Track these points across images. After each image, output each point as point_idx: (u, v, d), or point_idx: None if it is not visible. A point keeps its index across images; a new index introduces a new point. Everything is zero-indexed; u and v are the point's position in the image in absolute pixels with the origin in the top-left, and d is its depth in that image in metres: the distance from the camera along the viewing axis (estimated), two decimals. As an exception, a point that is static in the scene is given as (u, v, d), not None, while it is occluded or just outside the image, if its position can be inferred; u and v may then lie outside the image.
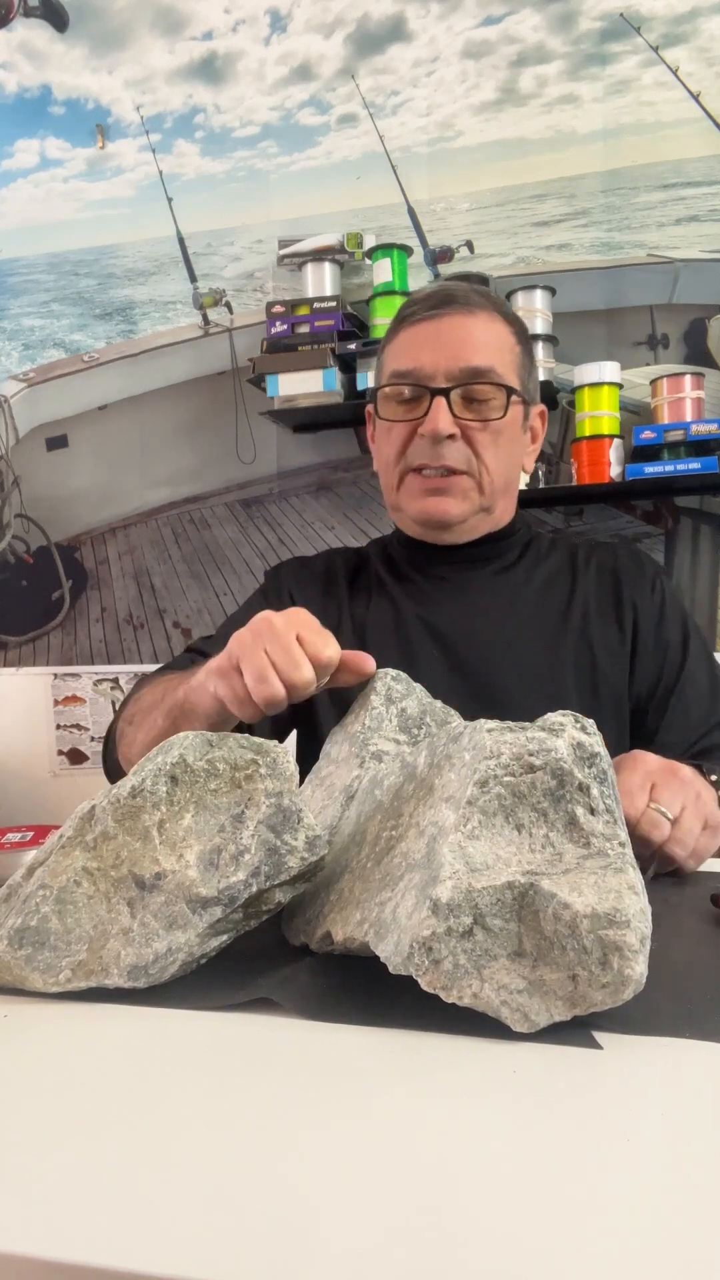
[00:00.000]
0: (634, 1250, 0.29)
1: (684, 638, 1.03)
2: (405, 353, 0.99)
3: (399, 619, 1.04)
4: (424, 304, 1.00)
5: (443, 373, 0.96)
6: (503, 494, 1.03)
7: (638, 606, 1.03)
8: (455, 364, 0.96)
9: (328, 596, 1.09)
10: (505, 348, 0.99)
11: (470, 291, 1.01)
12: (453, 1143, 0.35)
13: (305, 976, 0.52)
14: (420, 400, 0.98)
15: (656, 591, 1.04)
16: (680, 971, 0.51)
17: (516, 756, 0.46)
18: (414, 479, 1.00)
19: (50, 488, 2.29)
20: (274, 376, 1.93)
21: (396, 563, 1.10)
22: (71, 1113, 0.39)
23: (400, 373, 0.99)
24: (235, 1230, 0.31)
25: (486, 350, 0.97)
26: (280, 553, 2.15)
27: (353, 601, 1.08)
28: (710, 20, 1.85)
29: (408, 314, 1.01)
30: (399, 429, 1.00)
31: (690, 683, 1.00)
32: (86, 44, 2.21)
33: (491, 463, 0.98)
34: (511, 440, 1.01)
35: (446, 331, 0.97)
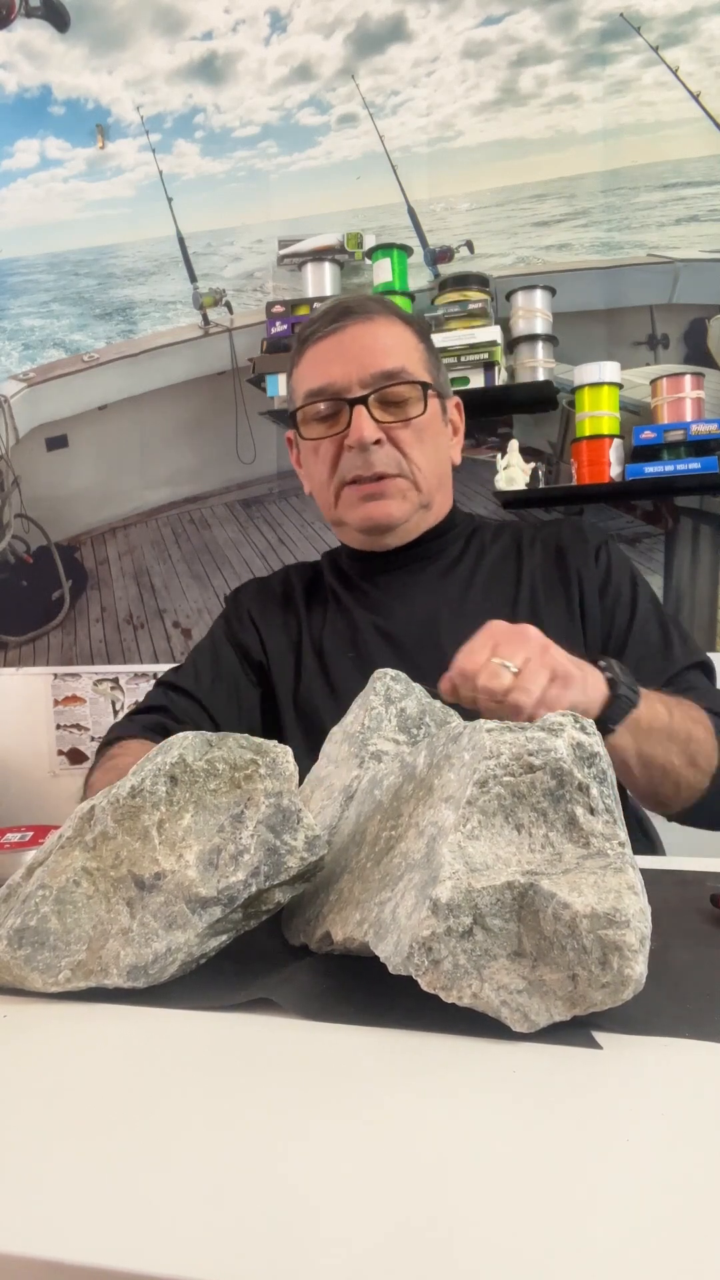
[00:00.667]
0: (634, 1250, 0.29)
1: (632, 598, 1.02)
2: (315, 370, 1.00)
3: (353, 629, 1.05)
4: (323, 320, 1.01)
5: (356, 381, 0.98)
6: (438, 489, 1.04)
7: (582, 576, 1.03)
8: (366, 371, 0.97)
9: (287, 615, 1.11)
10: (410, 347, 1.01)
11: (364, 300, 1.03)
12: (453, 1143, 0.35)
13: (305, 976, 0.52)
14: (339, 414, 0.99)
15: (601, 558, 1.04)
16: (680, 971, 0.51)
17: (516, 756, 0.46)
18: (350, 491, 1.01)
19: (50, 488, 2.29)
20: (274, 376, 1.93)
21: (346, 574, 1.11)
22: (71, 1113, 0.39)
23: (314, 390, 1.00)
24: (235, 1230, 0.31)
25: (393, 352, 0.99)
26: (280, 553, 2.15)
27: (310, 616, 1.10)
28: (710, 20, 1.85)
29: (309, 334, 1.03)
30: (325, 446, 1.01)
31: (639, 641, 1.00)
32: (86, 44, 2.21)
33: (421, 460, 1.00)
34: (435, 435, 1.03)
35: (350, 342, 0.99)
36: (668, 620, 1.03)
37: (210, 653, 1.11)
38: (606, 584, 1.03)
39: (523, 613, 1.01)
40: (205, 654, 1.11)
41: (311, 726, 1.01)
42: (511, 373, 1.88)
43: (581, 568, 1.03)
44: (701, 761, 0.86)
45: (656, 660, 0.99)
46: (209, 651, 1.11)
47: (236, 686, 1.08)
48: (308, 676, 1.06)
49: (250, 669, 1.09)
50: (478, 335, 1.80)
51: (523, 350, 1.86)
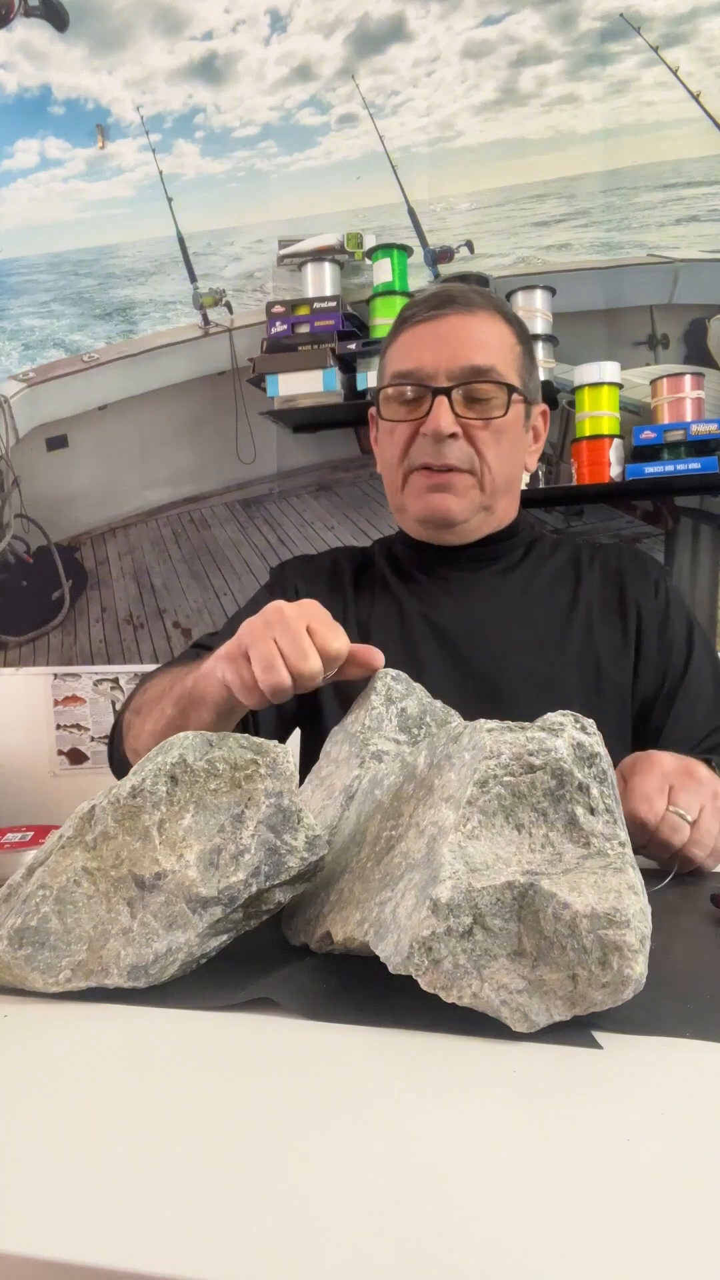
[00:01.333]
0: (634, 1250, 0.29)
1: (689, 638, 1.03)
2: (406, 353, 1.00)
3: (403, 619, 1.04)
4: (425, 305, 1.00)
5: (444, 372, 0.97)
6: (505, 493, 1.03)
7: (641, 607, 1.03)
8: (456, 363, 0.96)
9: (333, 595, 1.08)
10: (506, 347, 1.00)
11: (470, 292, 1.01)
12: (453, 1142, 0.35)
13: (305, 976, 0.52)
14: (422, 400, 0.98)
15: (660, 593, 1.04)
16: (680, 971, 0.51)
17: (516, 756, 0.46)
18: (417, 477, 1.00)
19: (50, 488, 2.29)
20: (274, 376, 1.93)
21: (401, 563, 1.10)
22: (71, 1113, 0.39)
23: (402, 373, 0.99)
24: (235, 1230, 0.31)
25: (487, 349, 0.97)
26: (280, 552, 2.15)
27: (357, 600, 1.08)
28: (710, 20, 1.85)
29: (408, 315, 1.02)
30: (401, 429, 1.00)
31: (695, 683, 1.00)
32: (86, 44, 2.21)
33: (493, 461, 0.99)
34: (513, 439, 1.01)
35: (447, 331, 0.98)
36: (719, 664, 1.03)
37: None
38: (666, 620, 1.03)
39: (577, 631, 1.01)
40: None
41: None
42: (511, 373, 1.88)
43: (641, 598, 1.03)
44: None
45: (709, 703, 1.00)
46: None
47: None
48: None
49: None
50: (478, 335, 1.80)
51: (523, 350, 1.86)
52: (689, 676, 1.00)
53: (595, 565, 1.07)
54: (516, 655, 0.99)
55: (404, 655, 1.00)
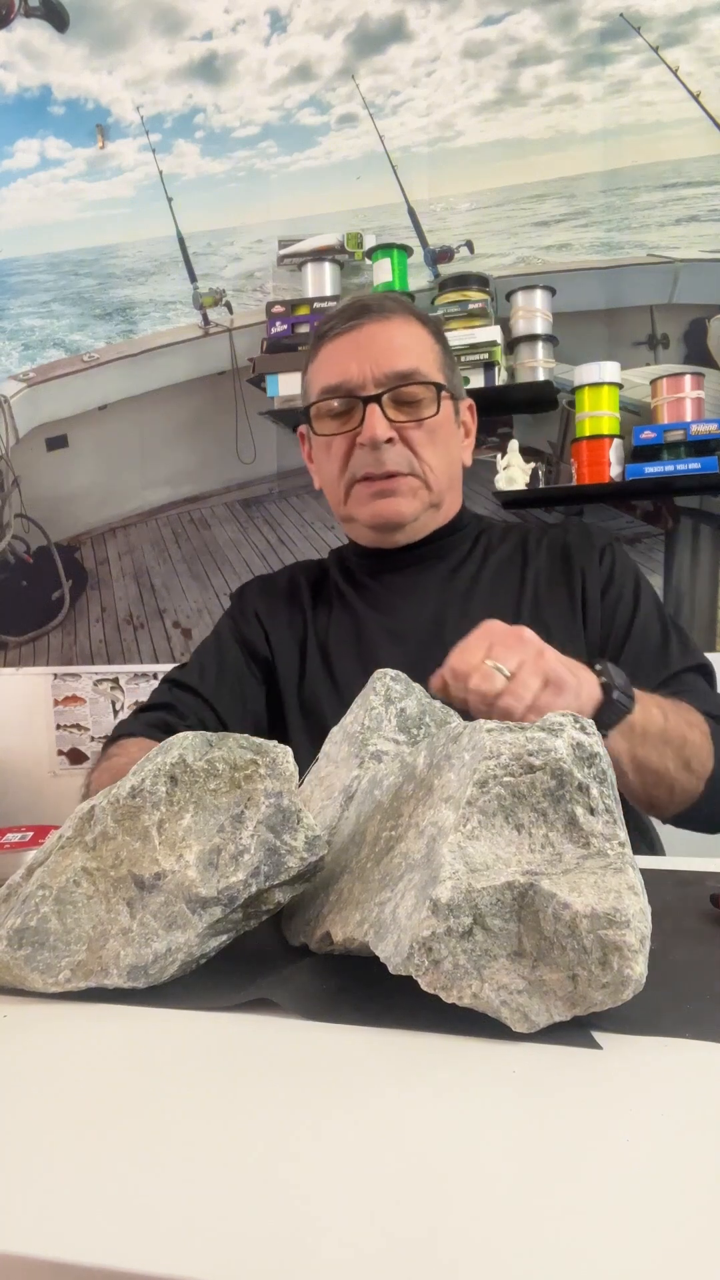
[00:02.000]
0: (634, 1250, 0.29)
1: (635, 597, 1.03)
2: (330, 367, 1.01)
3: (359, 628, 1.05)
4: (340, 317, 1.02)
5: (371, 380, 0.98)
6: (449, 489, 1.05)
7: (586, 575, 1.03)
8: (381, 370, 0.98)
9: (292, 611, 1.11)
10: (426, 348, 1.01)
11: (383, 299, 1.04)
12: (452, 1142, 0.35)
13: (305, 977, 0.52)
14: (353, 411, 1.00)
15: (605, 558, 1.04)
16: (680, 971, 0.51)
17: (516, 756, 0.46)
18: (361, 487, 1.02)
19: (50, 488, 2.29)
20: (274, 376, 1.93)
21: (353, 572, 1.11)
22: (71, 1113, 0.39)
23: (329, 387, 1.01)
24: (235, 1230, 0.31)
25: (408, 352, 0.99)
26: (280, 553, 2.15)
27: (315, 614, 1.10)
28: (710, 20, 1.85)
29: (325, 330, 1.03)
30: (338, 443, 1.01)
31: (639, 638, 1.00)
32: (86, 44, 2.21)
33: (432, 460, 1.00)
34: (448, 436, 1.03)
35: (366, 340, 0.99)
36: (669, 622, 1.03)
37: (215, 650, 1.11)
38: (609, 584, 1.03)
39: (526, 613, 1.01)
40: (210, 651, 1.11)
41: (316, 724, 1.01)
42: (511, 373, 1.88)
43: (585, 567, 1.03)
44: (696, 765, 0.86)
45: (654, 661, 0.99)
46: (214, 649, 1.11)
47: (241, 684, 1.08)
48: (312, 674, 1.06)
49: (256, 666, 1.09)
50: (478, 335, 1.80)
51: (523, 350, 1.86)
52: (633, 632, 1.00)
53: (542, 545, 1.07)
54: None
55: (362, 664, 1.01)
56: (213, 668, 1.09)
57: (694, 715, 0.88)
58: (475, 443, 1.12)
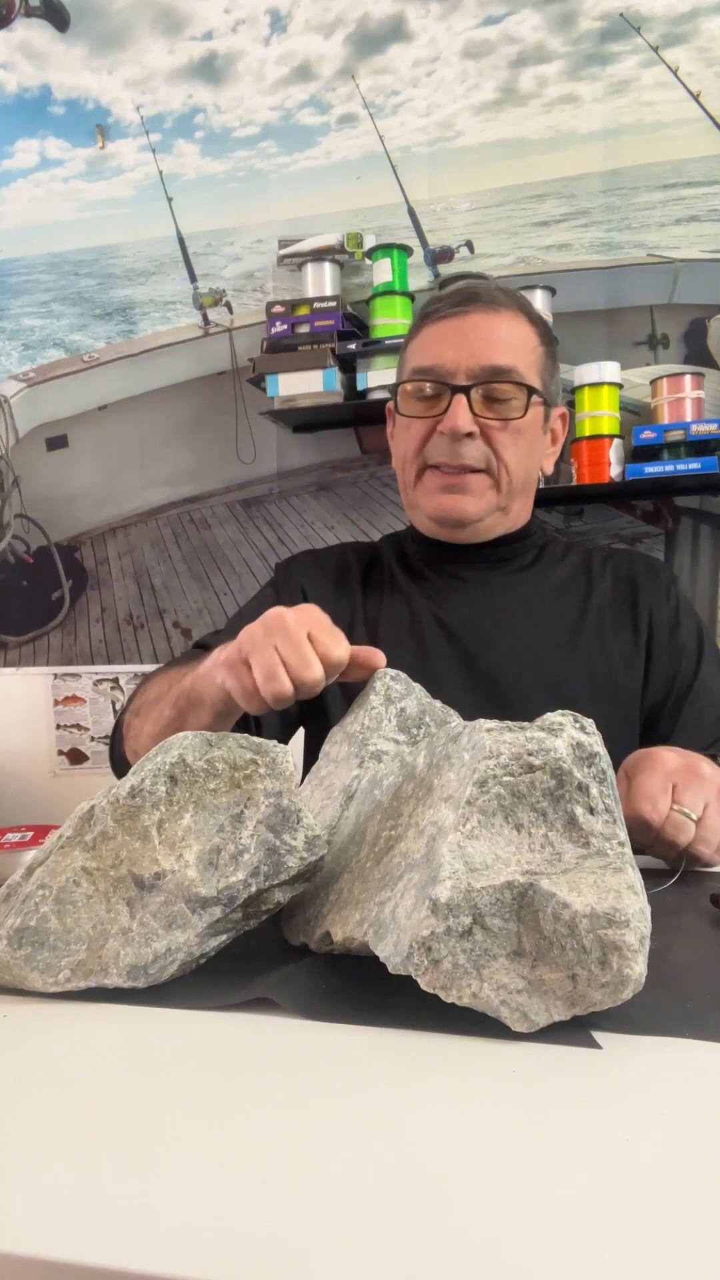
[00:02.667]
0: (634, 1250, 0.29)
1: (699, 645, 1.03)
2: (427, 349, 0.99)
3: (413, 617, 1.03)
4: (448, 301, 0.99)
5: (464, 370, 0.96)
6: (520, 494, 1.03)
7: (653, 614, 1.02)
8: (477, 362, 0.96)
9: (340, 592, 1.07)
10: (528, 348, 0.99)
11: (495, 290, 1.01)
12: (452, 1142, 0.35)
13: (305, 976, 0.52)
14: (440, 397, 0.97)
15: (671, 599, 1.04)
16: (680, 971, 0.51)
17: (516, 756, 0.46)
18: (431, 475, 0.99)
19: (50, 488, 2.29)
20: (274, 376, 1.93)
21: (410, 560, 1.09)
22: (71, 1113, 0.39)
23: (422, 369, 0.98)
24: (235, 1230, 0.31)
25: (509, 349, 0.97)
26: (280, 552, 2.15)
27: (366, 597, 1.07)
28: (710, 20, 1.85)
29: (431, 310, 1.01)
30: (418, 425, 0.99)
31: (704, 690, 1.00)
32: (86, 44, 2.21)
33: (510, 462, 0.98)
34: (531, 441, 1.00)
35: (470, 329, 0.97)
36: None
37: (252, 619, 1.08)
38: (677, 626, 1.03)
39: (588, 633, 1.01)
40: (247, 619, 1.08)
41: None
42: (511, 373, 1.88)
43: (653, 604, 1.03)
44: None
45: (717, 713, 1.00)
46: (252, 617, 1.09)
47: None
48: None
49: None
50: (478, 335, 1.80)
51: (523, 350, 1.86)
52: (698, 684, 1.00)
53: (607, 571, 1.06)
54: (526, 657, 0.99)
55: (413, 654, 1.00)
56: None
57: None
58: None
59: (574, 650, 1.00)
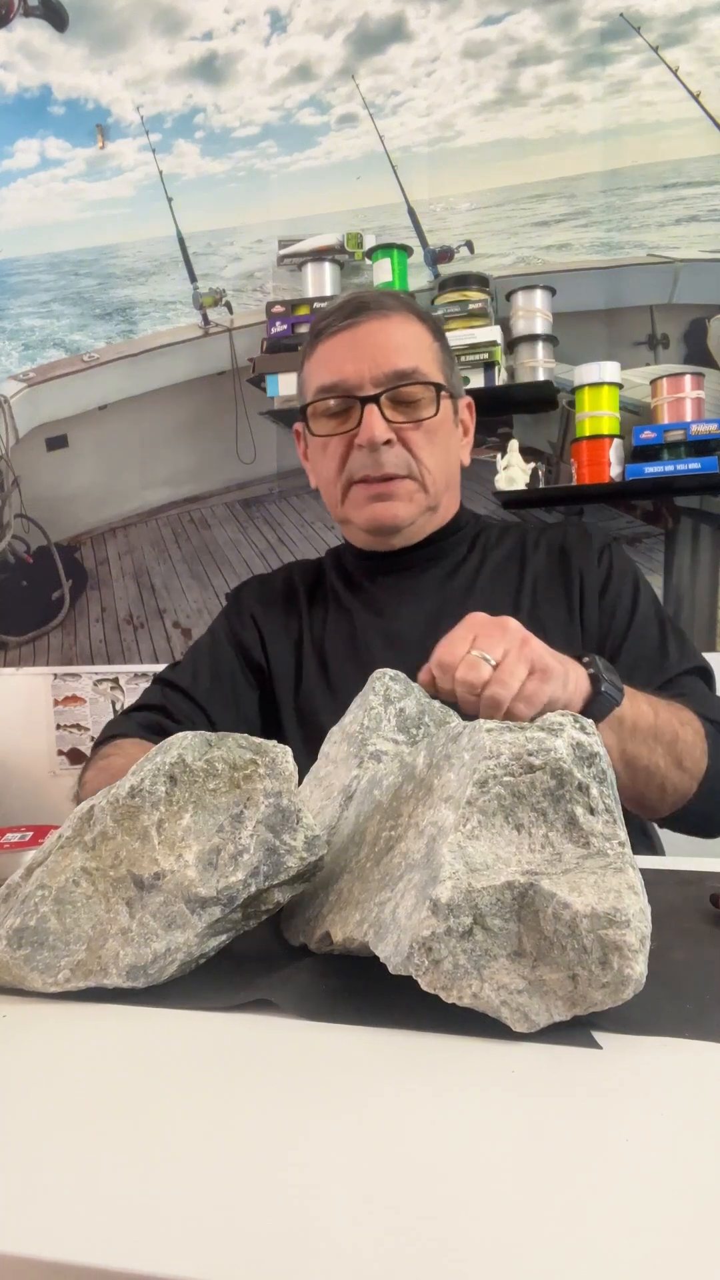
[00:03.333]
0: (634, 1250, 0.29)
1: (633, 598, 1.02)
2: (327, 365, 0.99)
3: (355, 631, 1.04)
4: (337, 315, 1.00)
5: (369, 380, 0.96)
6: (446, 491, 1.04)
7: (584, 576, 1.02)
8: (379, 369, 0.96)
9: (288, 614, 1.09)
10: (424, 346, 0.99)
11: (381, 295, 1.02)
12: (452, 1142, 0.35)
13: (304, 977, 0.52)
14: (350, 411, 0.98)
15: (604, 559, 1.03)
16: (680, 971, 0.51)
17: (516, 756, 0.46)
18: (358, 489, 1.00)
19: (50, 488, 2.29)
20: (274, 376, 1.93)
21: (350, 574, 1.10)
22: (71, 1113, 0.39)
23: (326, 386, 0.99)
24: (235, 1230, 0.30)
25: (407, 351, 0.97)
26: (280, 552, 2.15)
27: (311, 616, 1.09)
28: (710, 20, 1.85)
29: (322, 327, 1.01)
30: (335, 443, 1.00)
31: (637, 640, 0.99)
32: (86, 44, 2.21)
33: (430, 462, 0.99)
34: (446, 436, 1.01)
35: (364, 338, 0.97)
36: (667, 624, 1.02)
37: (209, 652, 1.10)
38: (607, 585, 1.02)
39: (524, 613, 1.00)
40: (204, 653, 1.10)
41: (311, 727, 1.01)
42: (511, 373, 1.88)
43: (584, 568, 1.02)
44: (689, 764, 0.85)
45: (652, 663, 0.98)
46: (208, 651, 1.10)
47: (235, 688, 1.07)
48: (308, 677, 1.05)
49: (250, 670, 1.08)
50: (478, 335, 1.80)
51: (523, 350, 1.86)
52: (630, 635, 0.99)
53: (541, 545, 1.06)
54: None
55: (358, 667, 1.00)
56: (206, 671, 1.07)
57: (686, 714, 0.87)
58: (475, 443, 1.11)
59: None
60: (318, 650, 1.05)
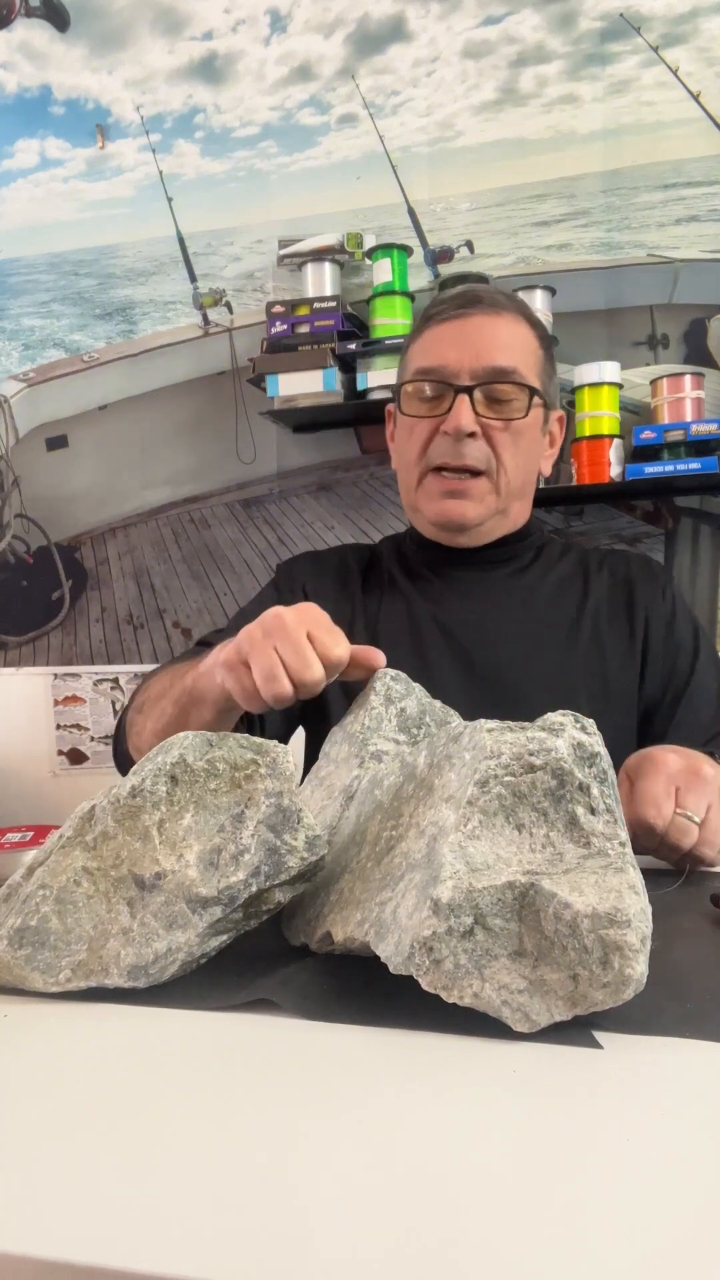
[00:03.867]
0: (634, 1250, 0.29)
1: (695, 643, 1.03)
2: (430, 350, 1.00)
3: (412, 618, 1.04)
4: (451, 303, 1.00)
5: (467, 371, 0.97)
6: (519, 496, 1.03)
7: (649, 612, 1.03)
8: (479, 363, 0.96)
9: (341, 593, 1.08)
10: (529, 350, 1.00)
11: (496, 293, 1.02)
12: (453, 1142, 0.35)
13: (305, 977, 0.52)
14: (443, 398, 0.98)
15: (668, 598, 1.05)
16: (680, 971, 0.51)
17: (517, 756, 0.46)
18: (433, 480, 1.00)
19: (50, 488, 2.29)
20: (274, 376, 1.93)
21: (410, 561, 1.10)
22: (71, 1113, 0.39)
23: (424, 369, 0.99)
24: (235, 1230, 0.30)
25: (510, 351, 0.98)
26: (280, 552, 2.15)
27: (365, 599, 1.08)
28: (710, 20, 1.85)
29: (434, 312, 1.02)
30: (421, 427, 1.00)
31: (699, 687, 1.00)
32: (86, 44, 2.21)
33: (510, 463, 0.99)
34: (531, 442, 1.01)
35: (472, 331, 0.98)
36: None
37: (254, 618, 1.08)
38: (673, 624, 1.04)
39: (585, 632, 1.01)
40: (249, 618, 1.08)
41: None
42: (511, 373, 1.88)
43: (649, 603, 1.04)
44: None
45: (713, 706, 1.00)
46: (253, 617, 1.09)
47: None
48: None
49: None
50: (478, 335, 1.80)
51: (523, 350, 1.86)
52: (694, 682, 1.01)
53: (604, 570, 1.07)
54: (525, 657, 0.99)
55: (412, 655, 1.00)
56: None
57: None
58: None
59: (571, 649, 1.00)
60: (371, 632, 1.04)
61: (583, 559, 1.09)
